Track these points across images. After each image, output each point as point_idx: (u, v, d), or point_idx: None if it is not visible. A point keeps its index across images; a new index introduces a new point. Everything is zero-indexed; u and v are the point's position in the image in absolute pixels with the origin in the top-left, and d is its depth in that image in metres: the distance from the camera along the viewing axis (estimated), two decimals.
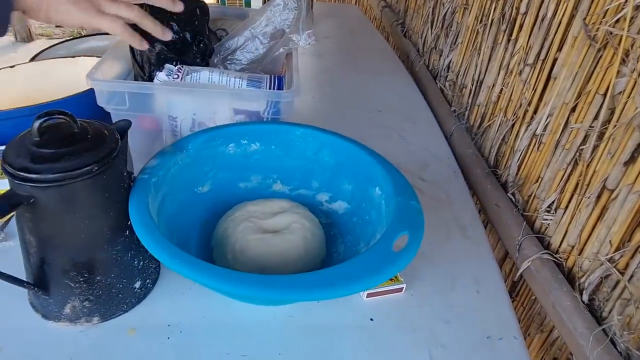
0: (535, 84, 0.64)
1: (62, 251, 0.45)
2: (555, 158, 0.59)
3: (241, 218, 0.54)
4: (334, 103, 1.01)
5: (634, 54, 0.45)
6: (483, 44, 0.82)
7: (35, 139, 0.42)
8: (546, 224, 0.60)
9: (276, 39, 0.80)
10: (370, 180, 0.55)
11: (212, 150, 0.58)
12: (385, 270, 0.41)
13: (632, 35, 0.45)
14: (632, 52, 0.46)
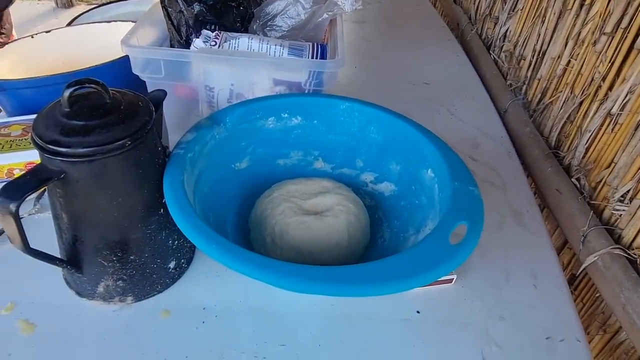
0: (612, 57, 0.57)
1: (94, 229, 0.42)
2: (634, 142, 0.52)
3: (280, 198, 0.50)
4: (377, 74, 0.95)
5: None
6: (549, 10, 0.74)
7: (65, 110, 0.39)
8: (618, 214, 0.54)
9: (319, 4, 0.74)
10: (422, 161, 0.50)
11: (250, 124, 0.54)
12: (442, 266, 0.36)
13: None
14: None
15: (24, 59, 0.74)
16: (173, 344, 0.44)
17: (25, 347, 0.42)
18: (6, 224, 0.37)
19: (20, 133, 0.63)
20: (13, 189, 0.36)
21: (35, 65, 0.74)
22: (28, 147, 0.60)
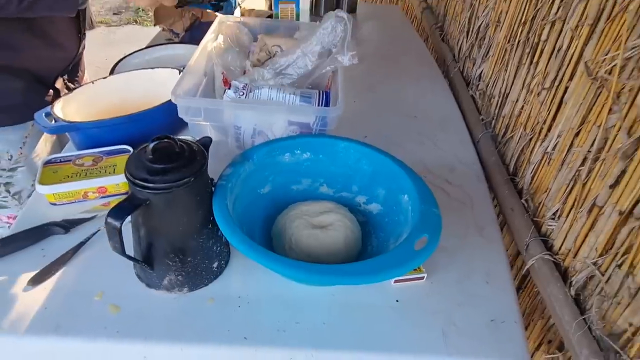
0: (549, 106, 0.74)
1: (164, 238, 0.60)
2: (560, 174, 0.69)
3: (295, 216, 0.68)
4: (374, 107, 1.12)
5: (624, 97, 0.55)
6: (510, 62, 0.91)
7: (150, 157, 0.57)
8: (550, 229, 0.70)
9: (323, 58, 0.92)
10: (400, 189, 0.67)
11: (271, 159, 0.72)
12: (407, 265, 0.54)
13: (622, 81, 0.55)
14: (622, 94, 0.55)
15: (87, 101, 0.92)
16: (217, 323, 0.61)
17: (115, 323, 0.60)
18: (111, 235, 0.55)
19: (91, 163, 0.81)
20: (117, 212, 0.54)
21: (95, 106, 0.92)
22: (98, 175, 0.78)
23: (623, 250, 0.53)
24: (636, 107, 0.53)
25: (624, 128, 0.54)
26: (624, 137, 0.54)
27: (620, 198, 0.55)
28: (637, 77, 0.53)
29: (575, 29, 0.67)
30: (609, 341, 0.54)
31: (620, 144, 0.54)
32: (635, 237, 0.51)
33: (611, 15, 0.59)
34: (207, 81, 0.95)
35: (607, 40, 0.60)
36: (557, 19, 0.73)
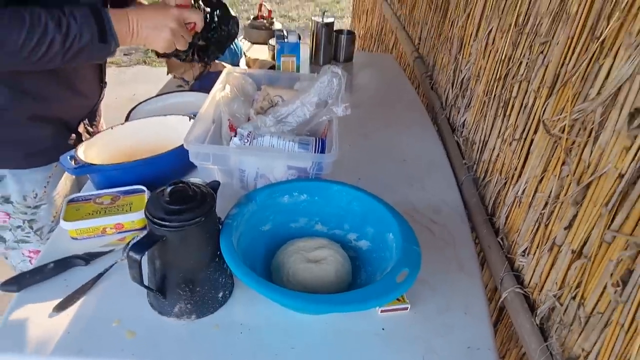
0: (519, 155, 0.83)
1: (177, 270, 0.68)
2: (528, 216, 0.77)
3: (292, 251, 0.76)
4: (367, 152, 1.22)
5: (574, 151, 0.64)
6: (488, 113, 1.02)
7: (167, 199, 0.65)
8: (521, 265, 0.79)
9: (320, 108, 1.03)
10: (387, 228, 0.76)
11: (272, 200, 0.81)
12: (389, 295, 0.62)
13: (572, 138, 0.64)
14: (572, 149, 0.65)
15: (106, 145, 1.02)
16: (222, 347, 0.68)
17: (131, 346, 0.67)
18: (132, 267, 0.63)
19: (109, 202, 0.89)
20: (138, 247, 0.62)
21: (114, 149, 1.02)
22: (116, 212, 0.87)
23: (575, 284, 0.61)
24: (583, 162, 0.62)
25: (574, 178, 0.63)
26: (574, 186, 0.63)
27: (573, 239, 0.63)
28: (583, 135, 0.63)
29: (537, 90, 0.77)
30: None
31: (572, 192, 0.63)
32: (583, 273, 0.59)
33: (564, 81, 0.69)
34: (215, 127, 1.05)
35: (562, 101, 0.70)
36: (523, 80, 0.83)
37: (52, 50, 0.75)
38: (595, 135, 0.59)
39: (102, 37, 0.79)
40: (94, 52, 0.80)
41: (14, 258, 1.06)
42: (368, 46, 2.78)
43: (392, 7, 2.24)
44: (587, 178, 0.60)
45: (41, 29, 0.73)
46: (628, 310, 0.51)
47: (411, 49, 1.79)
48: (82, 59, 0.80)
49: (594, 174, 0.58)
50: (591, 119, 0.60)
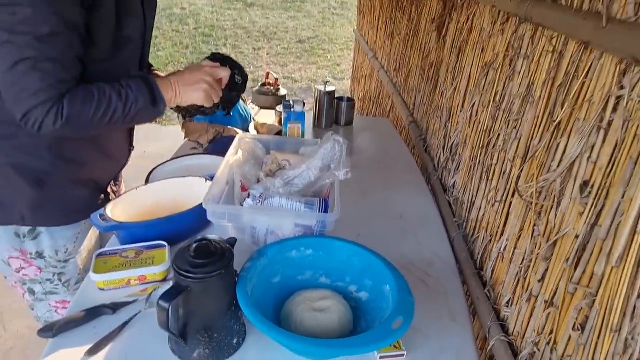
0: (501, 215, 0.94)
1: (198, 318, 0.77)
2: (510, 270, 0.87)
3: (300, 301, 0.85)
4: (366, 209, 1.33)
5: (543, 214, 0.75)
6: (474, 176, 1.13)
7: (192, 254, 0.76)
8: (506, 315, 0.87)
9: (324, 171, 1.15)
10: (384, 280, 0.85)
11: (281, 255, 0.91)
12: (385, 341, 0.70)
13: (540, 203, 0.75)
14: (542, 212, 0.76)
15: (130, 204, 1.13)
16: None
17: None
18: (161, 314, 0.72)
19: (134, 256, 0.99)
20: (167, 296, 0.72)
21: (137, 208, 1.13)
22: (140, 265, 0.96)
23: (549, 330, 0.70)
24: (549, 223, 0.73)
25: (543, 238, 0.74)
26: (544, 244, 0.73)
27: (546, 290, 0.73)
28: (549, 200, 0.74)
29: (512, 160, 0.89)
30: None
31: (542, 249, 0.74)
32: (554, 321, 0.68)
33: (532, 153, 0.81)
34: (228, 188, 1.17)
35: (531, 170, 0.81)
36: (502, 150, 0.96)
37: (115, 116, 0.89)
38: (558, 201, 0.70)
39: (153, 101, 0.94)
40: (148, 114, 0.95)
41: (40, 309, 1.14)
42: (367, 108, 2.96)
43: (388, 74, 2.44)
44: (553, 237, 0.70)
45: (107, 101, 0.88)
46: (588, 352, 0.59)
47: (406, 113, 1.95)
48: (138, 120, 0.95)
49: (558, 234, 0.69)
50: (554, 187, 0.72)
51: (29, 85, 0.81)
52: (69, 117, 0.84)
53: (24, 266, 1.07)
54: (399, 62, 2.21)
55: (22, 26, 0.77)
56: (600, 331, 0.57)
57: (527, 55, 0.89)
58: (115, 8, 0.92)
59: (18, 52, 0.78)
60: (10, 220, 1.01)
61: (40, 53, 0.79)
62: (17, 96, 0.82)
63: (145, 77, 0.96)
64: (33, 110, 0.82)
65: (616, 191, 0.57)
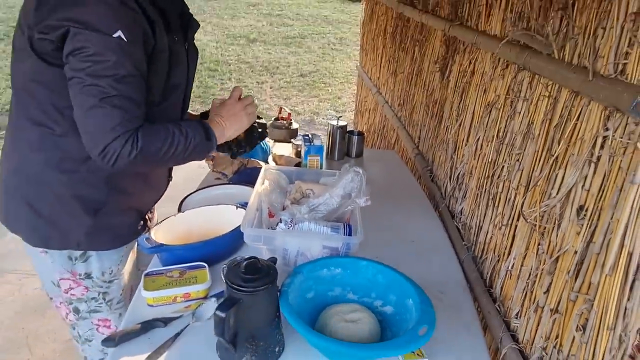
0: (507, 238, 1.06)
1: (247, 328, 0.87)
2: (518, 285, 0.98)
3: (332, 314, 0.96)
4: (381, 235, 1.43)
5: (546, 235, 0.88)
6: (481, 203, 1.26)
7: (242, 270, 0.87)
8: (516, 326, 0.98)
9: (345, 199, 1.27)
10: (406, 295, 0.96)
11: (314, 273, 1.02)
12: (414, 344, 0.81)
13: (543, 225, 0.88)
14: (545, 233, 0.88)
15: (169, 229, 1.24)
16: None
17: None
18: (217, 323, 0.82)
19: (178, 275, 1.10)
20: (223, 307, 0.82)
21: (174, 233, 1.24)
22: (185, 284, 1.07)
23: (555, 335, 0.81)
24: (552, 242, 0.85)
25: (547, 255, 0.86)
26: (547, 260, 0.85)
27: (551, 300, 0.84)
28: (550, 223, 0.86)
29: (516, 188, 1.02)
30: None
31: (546, 265, 0.86)
32: (559, 326, 0.80)
33: (534, 183, 0.94)
34: (258, 215, 1.28)
35: (534, 197, 0.94)
36: (506, 179, 1.09)
37: (178, 149, 1.01)
38: (558, 223, 0.83)
39: (207, 137, 1.07)
40: (203, 148, 1.08)
41: (82, 327, 1.24)
42: (372, 140, 3.11)
43: (392, 109, 2.60)
44: (556, 253, 0.82)
45: (171, 135, 1.00)
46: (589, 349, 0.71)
47: (412, 146, 2.09)
48: (195, 156, 1.07)
49: (560, 251, 0.81)
50: (554, 211, 0.84)
51: (108, 121, 0.92)
52: (142, 148, 0.95)
53: (72, 286, 1.17)
54: (403, 97, 2.37)
55: (105, 71, 0.90)
56: (598, 330, 0.69)
57: (526, 98, 1.03)
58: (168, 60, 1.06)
59: (101, 93, 0.90)
60: (67, 245, 1.12)
61: (119, 92, 0.91)
62: (97, 132, 0.93)
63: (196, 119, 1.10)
64: (112, 143, 0.92)
65: (606, 213, 0.70)
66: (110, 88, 0.91)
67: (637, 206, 0.63)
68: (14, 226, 1.12)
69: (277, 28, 8.31)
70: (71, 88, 0.93)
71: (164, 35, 1.02)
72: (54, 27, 0.91)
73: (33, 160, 1.06)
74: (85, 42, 0.89)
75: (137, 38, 0.94)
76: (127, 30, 0.91)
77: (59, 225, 1.10)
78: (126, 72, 0.92)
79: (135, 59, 0.94)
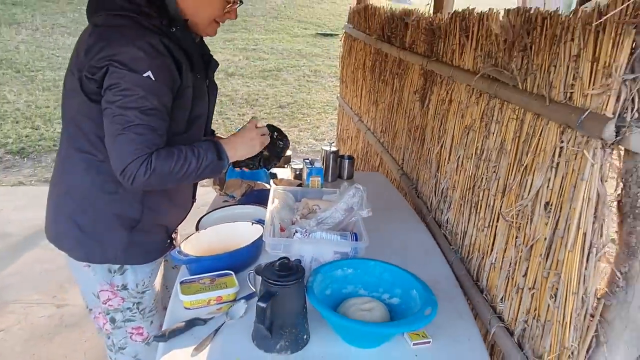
0: (489, 237, 1.27)
1: (281, 317, 1.04)
2: (500, 275, 1.18)
3: (349, 305, 1.13)
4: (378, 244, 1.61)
5: (521, 229, 1.08)
6: (464, 212, 1.47)
7: (277, 268, 1.04)
8: (501, 309, 1.17)
9: (348, 212, 1.46)
10: (411, 286, 1.15)
11: (330, 272, 1.19)
12: (423, 322, 0.99)
13: (519, 221, 1.09)
14: (521, 227, 1.09)
15: (194, 244, 1.40)
16: None
17: None
18: (259, 312, 0.98)
19: (209, 282, 1.25)
20: (263, 299, 0.99)
21: (198, 246, 1.39)
22: (216, 289, 1.22)
23: (533, 308, 1.01)
24: (527, 234, 1.06)
25: (524, 244, 1.06)
26: (524, 249, 1.06)
27: (529, 281, 1.04)
28: (525, 219, 1.07)
29: (495, 195, 1.24)
30: None
31: (522, 253, 1.06)
32: (536, 300, 1.00)
33: (509, 189, 1.16)
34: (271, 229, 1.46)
35: (510, 200, 1.15)
36: (485, 189, 1.30)
37: (190, 168, 1.16)
38: (530, 218, 1.04)
39: (219, 157, 1.21)
40: (216, 167, 1.21)
41: (117, 336, 1.36)
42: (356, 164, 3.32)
43: (375, 135, 2.83)
44: (530, 242, 1.03)
45: (184, 155, 1.15)
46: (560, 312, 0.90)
47: (396, 167, 2.31)
48: (207, 173, 1.21)
49: (533, 240, 1.02)
50: (527, 210, 1.06)
51: (128, 146, 1.07)
52: (155, 169, 1.10)
53: (110, 297, 1.31)
54: (385, 125, 2.61)
55: (132, 103, 1.06)
56: (566, 296, 0.89)
57: (497, 121, 1.26)
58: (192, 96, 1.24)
59: (126, 122, 1.06)
60: (107, 259, 1.26)
61: (143, 122, 1.07)
62: (119, 155, 1.09)
63: (211, 139, 1.26)
64: (129, 165, 1.08)
65: (566, 205, 0.91)
66: (135, 118, 1.06)
67: (586, 197, 0.84)
68: (61, 243, 1.26)
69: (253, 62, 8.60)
70: (104, 118, 1.10)
71: (189, 74, 1.21)
72: (98, 67, 1.08)
73: (80, 184, 1.21)
74: (119, 79, 1.07)
75: (164, 78, 1.11)
76: (156, 71, 1.08)
77: (100, 241, 1.24)
78: (151, 106, 1.08)
79: (160, 95, 1.10)
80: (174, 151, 1.16)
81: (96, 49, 1.09)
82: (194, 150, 1.18)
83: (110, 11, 1.12)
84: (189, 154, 1.17)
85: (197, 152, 1.18)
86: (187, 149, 1.17)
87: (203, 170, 1.20)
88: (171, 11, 1.17)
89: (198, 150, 1.19)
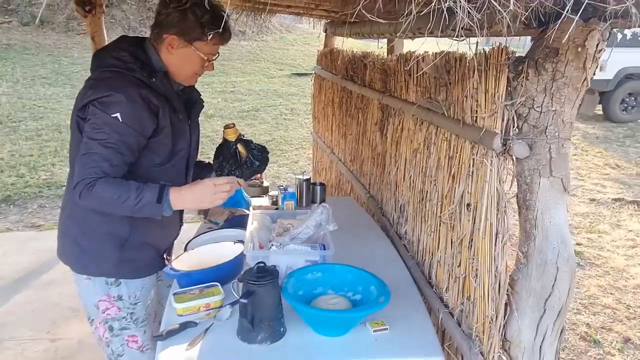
0: (435, 240, 1.51)
1: (261, 312, 1.24)
2: (444, 270, 1.42)
3: (318, 302, 1.34)
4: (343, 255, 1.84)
5: (455, 227, 1.33)
6: (417, 222, 1.71)
7: (255, 271, 1.25)
8: (447, 298, 1.40)
9: (317, 228, 1.69)
10: (369, 284, 1.37)
11: (302, 276, 1.41)
12: (377, 307, 1.21)
13: (452, 222, 1.33)
14: (455, 225, 1.33)
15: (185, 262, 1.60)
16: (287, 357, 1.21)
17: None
18: (242, 308, 1.19)
19: (198, 292, 1.45)
20: (245, 296, 1.20)
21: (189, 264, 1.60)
22: (204, 297, 1.42)
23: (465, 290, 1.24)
24: (458, 232, 1.30)
25: (457, 241, 1.31)
26: (457, 244, 1.30)
27: (462, 269, 1.28)
28: (456, 220, 1.32)
29: (436, 204, 1.49)
30: (470, 332, 1.20)
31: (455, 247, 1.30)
32: (466, 284, 1.23)
33: (444, 197, 1.41)
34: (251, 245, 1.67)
35: (446, 205, 1.40)
36: (430, 200, 1.55)
37: (128, 201, 1.30)
38: (459, 218, 1.29)
39: (158, 200, 1.33)
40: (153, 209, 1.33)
41: (115, 344, 1.53)
42: (330, 192, 3.57)
43: (345, 164, 3.09)
44: (460, 238, 1.27)
45: (126, 190, 1.29)
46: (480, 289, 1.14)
47: (364, 191, 2.56)
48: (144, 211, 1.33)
49: (462, 236, 1.26)
50: (457, 212, 1.30)
51: (85, 168, 1.27)
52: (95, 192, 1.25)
53: (108, 307, 1.49)
54: (353, 154, 2.88)
55: (97, 136, 1.27)
56: (483, 274, 1.12)
57: (434, 143, 1.52)
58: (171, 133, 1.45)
59: (88, 149, 1.27)
60: (101, 272, 1.45)
61: (101, 153, 1.27)
62: (77, 173, 1.28)
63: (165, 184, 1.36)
64: (79, 183, 1.27)
65: (480, 204, 1.16)
66: (95, 147, 1.27)
67: (490, 195, 1.10)
68: (66, 259, 1.47)
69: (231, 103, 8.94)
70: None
71: (167, 115, 1.42)
72: (84, 106, 1.31)
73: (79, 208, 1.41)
74: (93, 115, 1.29)
75: (132, 122, 1.30)
76: (124, 115, 1.28)
77: (95, 257, 1.45)
78: (112, 141, 1.28)
79: (122, 134, 1.28)
80: (121, 183, 1.29)
81: (87, 94, 1.32)
82: (139, 187, 1.29)
83: (102, 68, 1.37)
84: (132, 189, 1.28)
85: (140, 189, 1.29)
86: (134, 185, 1.29)
87: (141, 207, 1.29)
88: (154, 64, 1.42)
89: (143, 188, 1.29)
